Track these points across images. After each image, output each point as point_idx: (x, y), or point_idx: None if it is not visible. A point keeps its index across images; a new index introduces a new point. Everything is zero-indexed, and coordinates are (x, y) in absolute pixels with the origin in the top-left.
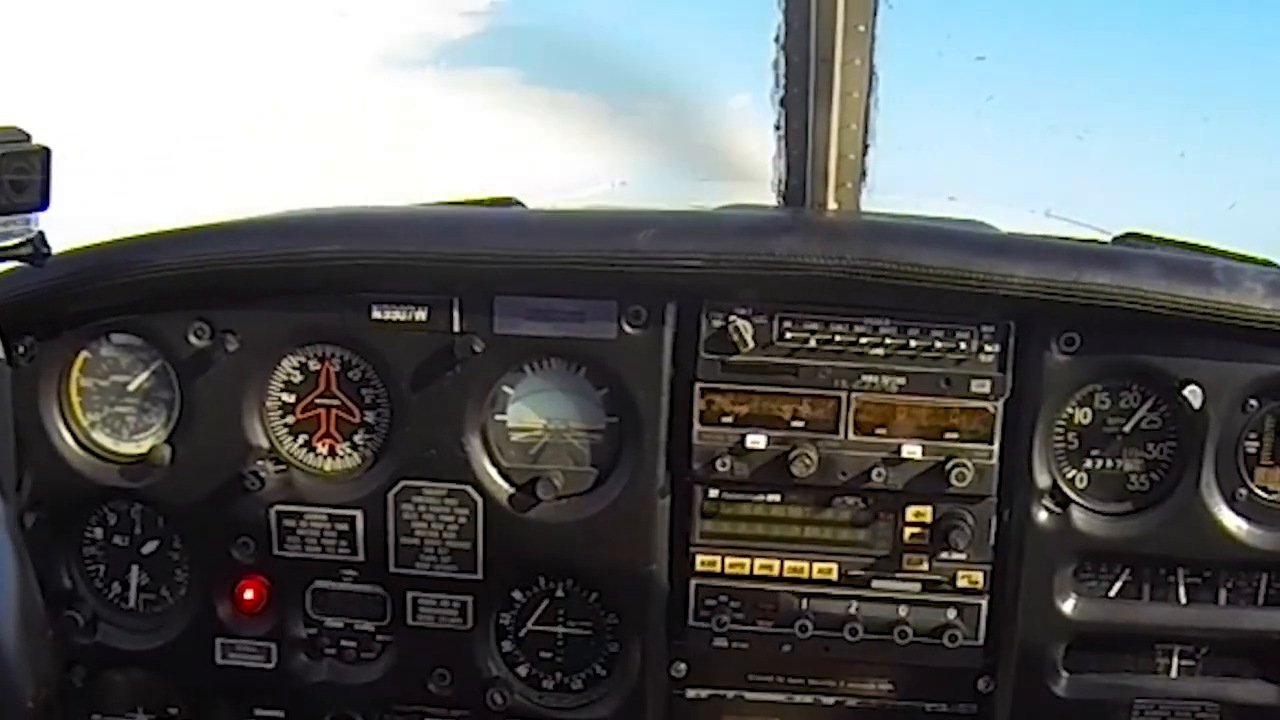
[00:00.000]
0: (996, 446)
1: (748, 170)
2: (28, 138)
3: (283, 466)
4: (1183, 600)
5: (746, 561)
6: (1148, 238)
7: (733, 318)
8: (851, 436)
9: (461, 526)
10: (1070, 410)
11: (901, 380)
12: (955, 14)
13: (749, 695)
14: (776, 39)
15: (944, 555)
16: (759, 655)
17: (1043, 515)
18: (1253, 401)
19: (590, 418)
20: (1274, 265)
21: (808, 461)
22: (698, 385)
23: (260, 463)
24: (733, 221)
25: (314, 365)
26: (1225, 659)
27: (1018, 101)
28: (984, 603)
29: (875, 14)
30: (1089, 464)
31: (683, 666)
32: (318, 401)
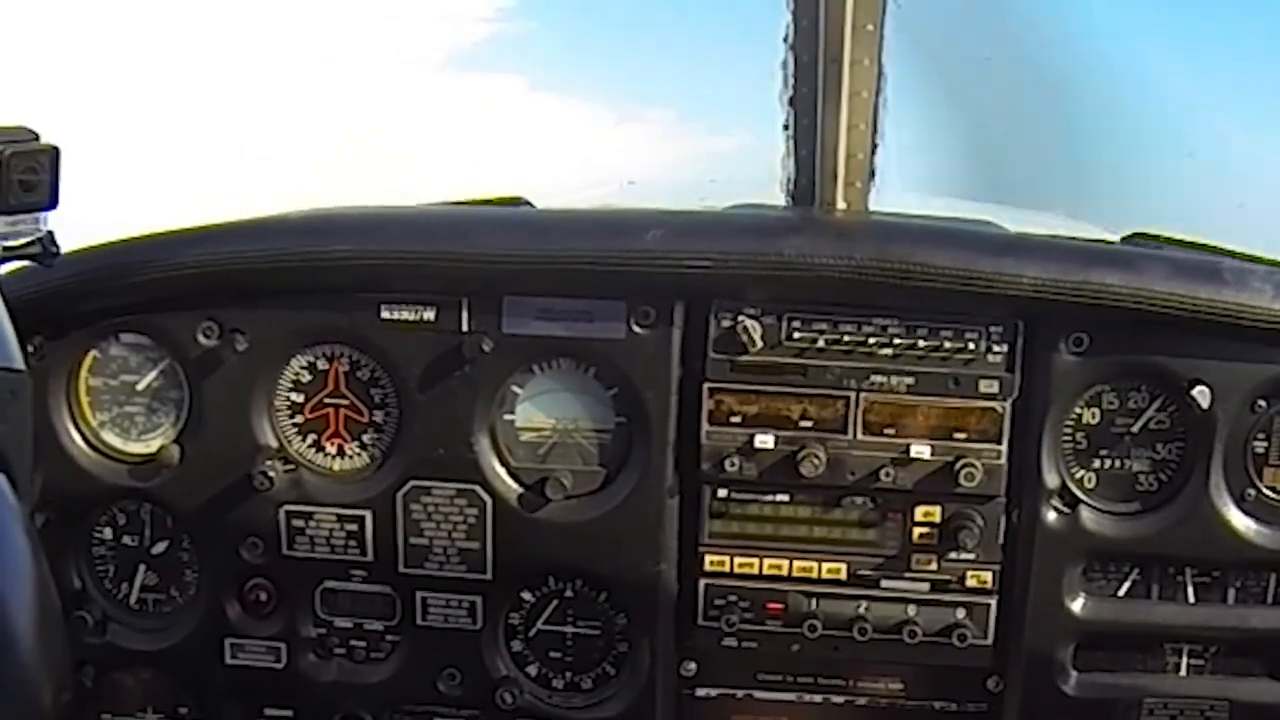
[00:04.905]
0: (1005, 446)
1: (756, 170)
2: (36, 137)
3: (291, 466)
4: (1191, 600)
5: (755, 561)
6: (1156, 237)
7: (741, 318)
8: (860, 436)
9: (470, 526)
10: (1079, 410)
11: (910, 380)
12: (963, 14)
13: (758, 694)
14: (785, 39)
15: (953, 555)
16: (768, 654)
17: (1051, 515)
18: (1261, 402)
19: (599, 417)
20: None
21: (816, 461)
22: (706, 385)
23: (269, 462)
24: (741, 221)
25: (323, 365)
26: (1234, 658)
27: (1025, 101)
28: (993, 602)
29: (884, 13)
30: (1097, 464)
31: (692, 665)
32: (326, 401)
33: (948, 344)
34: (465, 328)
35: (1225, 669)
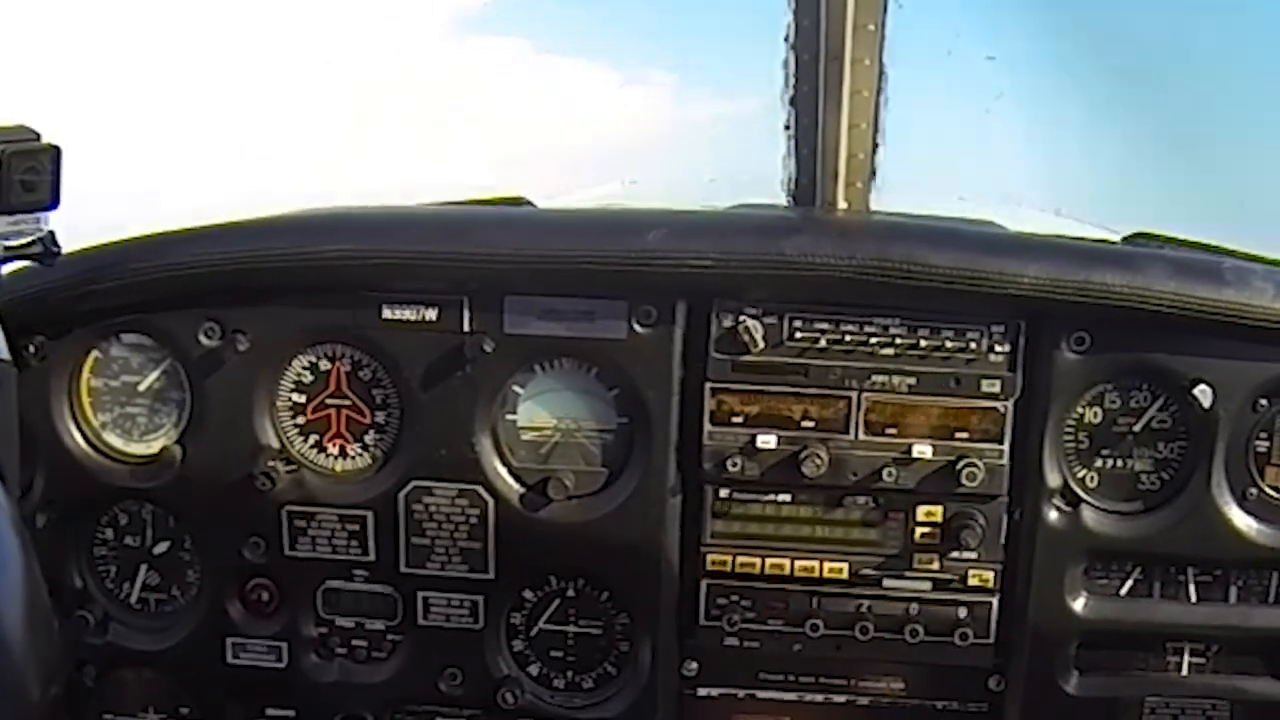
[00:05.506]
0: (1007, 446)
1: (757, 170)
2: (37, 137)
3: (293, 467)
4: (1193, 599)
5: (757, 561)
6: (1158, 237)
7: (743, 317)
8: (862, 436)
9: (472, 526)
10: (1081, 410)
11: (912, 380)
12: (965, 12)
13: (760, 694)
14: (786, 38)
15: (955, 554)
16: (770, 654)
17: (1053, 514)
18: (1263, 401)
19: (601, 417)
20: None
21: (818, 461)
22: (708, 385)
23: (271, 463)
24: (743, 221)
25: (324, 365)
26: (1236, 657)
27: (1028, 100)
28: (995, 601)
29: (885, 13)
30: (1099, 463)
31: (694, 665)
32: (328, 401)
33: (949, 343)
34: (467, 327)
35: (1227, 668)
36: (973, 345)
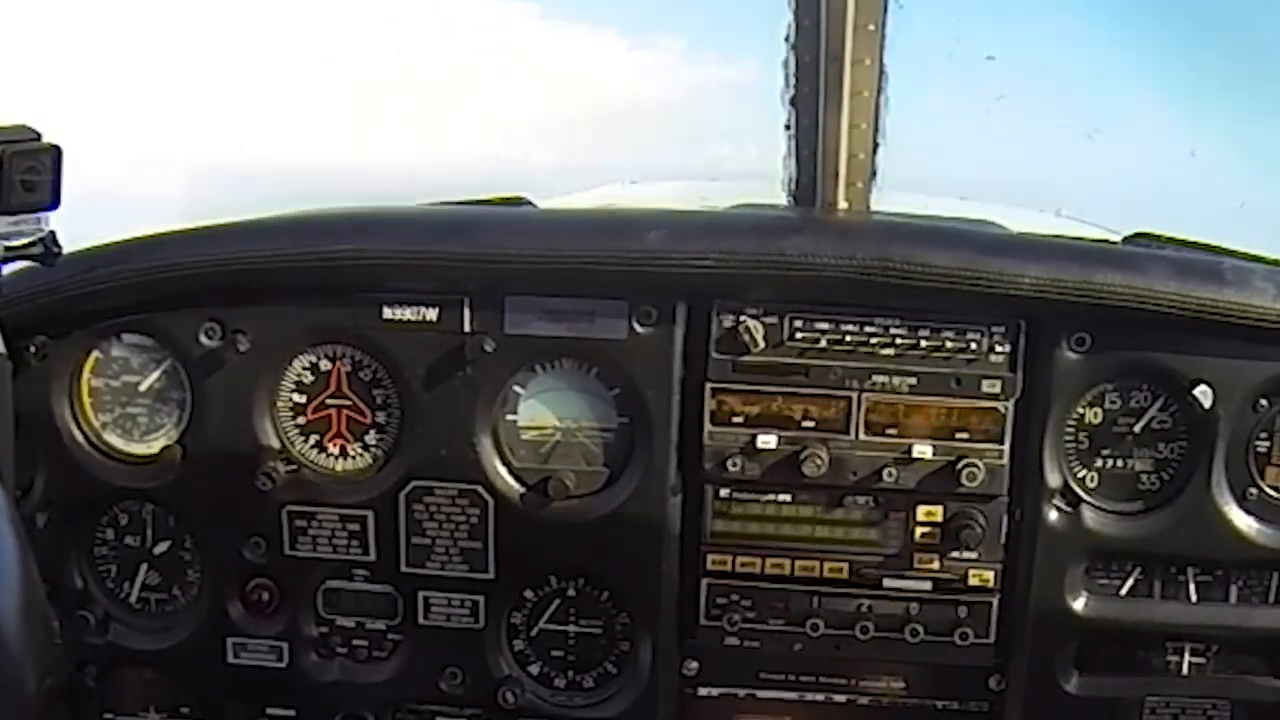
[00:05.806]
0: (1007, 446)
1: (758, 169)
2: (38, 136)
3: (294, 467)
4: (1193, 599)
5: (758, 561)
6: (1158, 237)
7: (743, 318)
8: (862, 436)
9: (473, 526)
10: (1081, 410)
11: (912, 380)
12: (965, 13)
13: (760, 694)
14: (786, 38)
15: (955, 554)
16: (770, 654)
17: (1054, 514)
18: (1263, 401)
19: (601, 417)
20: None
21: (819, 461)
22: (709, 385)
23: (272, 463)
24: (743, 221)
25: (325, 365)
26: (1236, 657)
27: (1028, 101)
28: (995, 601)
29: (885, 13)
30: (1100, 463)
31: (694, 665)
32: (329, 402)
33: (950, 344)
34: (467, 328)
35: (1227, 668)
36: (973, 345)
